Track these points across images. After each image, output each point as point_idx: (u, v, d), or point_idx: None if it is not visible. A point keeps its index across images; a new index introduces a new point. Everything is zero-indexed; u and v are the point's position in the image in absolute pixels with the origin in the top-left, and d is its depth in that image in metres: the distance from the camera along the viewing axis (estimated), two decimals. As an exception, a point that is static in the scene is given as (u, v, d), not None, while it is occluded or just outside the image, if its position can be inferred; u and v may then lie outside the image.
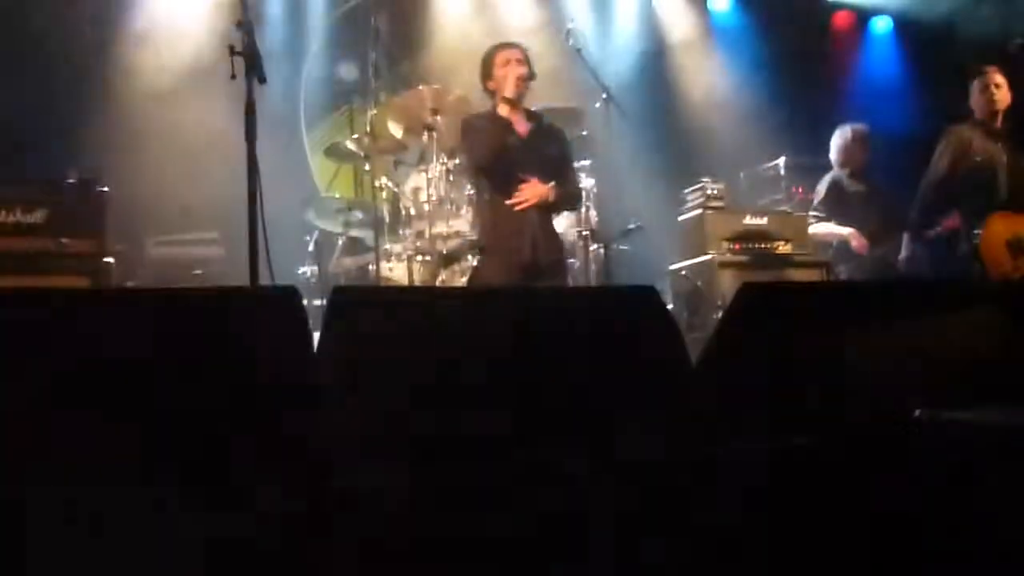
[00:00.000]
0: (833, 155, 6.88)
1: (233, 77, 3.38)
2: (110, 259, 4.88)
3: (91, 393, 1.92)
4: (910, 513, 2.27)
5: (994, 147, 5.83)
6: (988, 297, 3.00)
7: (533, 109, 5.45)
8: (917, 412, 2.23)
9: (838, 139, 6.85)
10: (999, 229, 5.68)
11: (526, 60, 5.27)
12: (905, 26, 9.05)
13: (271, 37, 6.87)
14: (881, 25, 9.19)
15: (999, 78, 5.90)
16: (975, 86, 5.96)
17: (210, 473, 1.92)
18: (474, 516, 2.04)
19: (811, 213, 6.66)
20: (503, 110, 5.29)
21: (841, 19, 9.23)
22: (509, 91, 5.21)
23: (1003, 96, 5.89)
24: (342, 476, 1.98)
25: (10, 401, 1.86)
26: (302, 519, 1.91)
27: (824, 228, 6.62)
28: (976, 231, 5.72)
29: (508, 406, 2.26)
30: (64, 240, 4.05)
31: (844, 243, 6.54)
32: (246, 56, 3.38)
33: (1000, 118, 5.91)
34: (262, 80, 3.47)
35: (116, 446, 1.89)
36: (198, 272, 6.10)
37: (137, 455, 1.90)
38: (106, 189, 4.81)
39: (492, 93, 5.37)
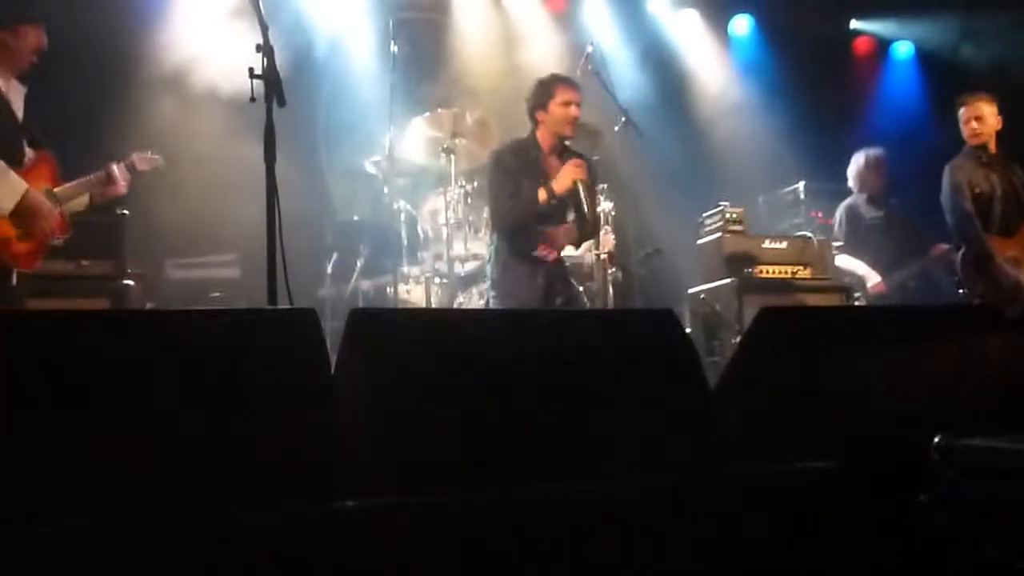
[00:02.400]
0: (851, 180, 6.87)
1: (253, 100, 3.40)
2: (129, 281, 4.92)
3: (112, 412, 1.92)
4: (931, 538, 2.25)
5: (989, 176, 5.87)
6: (1007, 323, 2.98)
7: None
8: (937, 438, 2.21)
9: (854, 164, 6.84)
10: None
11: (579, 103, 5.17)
12: (926, 52, 9.03)
13: (290, 61, 6.93)
14: (903, 50, 9.17)
15: (985, 108, 5.89)
16: (961, 118, 5.98)
17: (232, 495, 1.92)
18: (487, 538, 2.03)
19: (834, 243, 6.65)
20: (544, 143, 5.18)
21: (862, 45, 9.22)
22: (567, 131, 5.16)
23: (987, 127, 5.88)
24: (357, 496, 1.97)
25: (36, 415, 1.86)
26: (329, 537, 1.91)
27: (845, 263, 6.61)
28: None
29: (526, 428, 2.25)
30: (84, 262, 4.09)
31: (863, 279, 6.56)
32: (266, 79, 3.40)
33: (991, 145, 5.92)
34: (281, 103, 3.48)
35: (131, 466, 1.89)
36: (216, 294, 6.13)
37: (153, 476, 1.90)
38: (125, 212, 4.84)
39: (537, 122, 5.20)
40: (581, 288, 5.53)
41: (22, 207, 3.80)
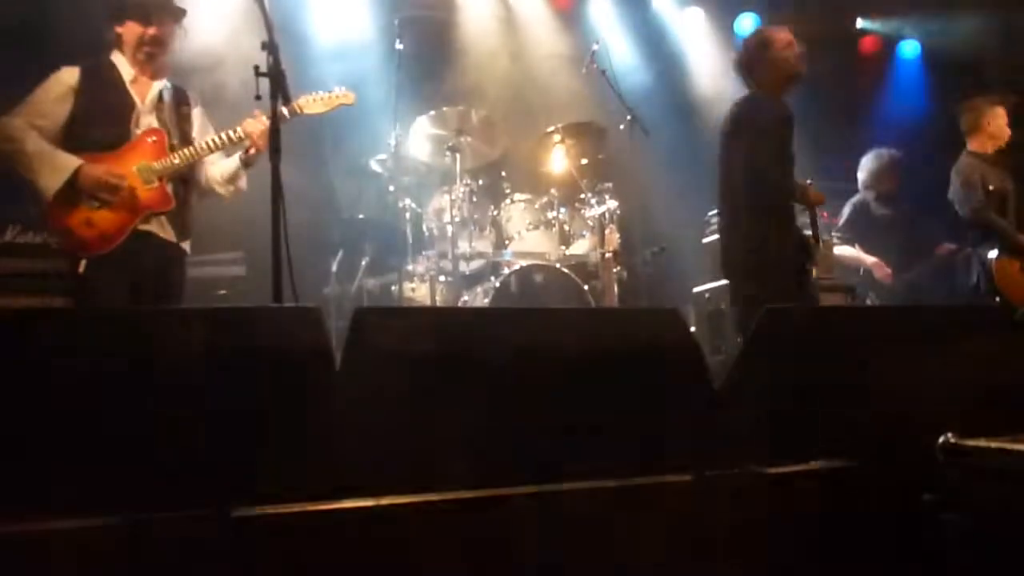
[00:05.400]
0: (862, 177, 6.83)
1: (258, 98, 3.40)
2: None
3: (115, 409, 1.93)
4: (936, 538, 2.24)
5: (1003, 176, 5.89)
6: (1012, 323, 2.97)
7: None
8: (942, 438, 2.21)
9: (871, 163, 6.79)
10: (1011, 256, 5.75)
11: None
12: (933, 51, 9.00)
13: (296, 58, 6.93)
14: (909, 49, 9.15)
15: (1005, 111, 5.93)
16: (984, 119, 5.99)
17: (235, 493, 1.92)
18: (492, 537, 2.04)
19: (834, 234, 6.63)
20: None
21: (869, 44, 9.19)
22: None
23: (1008, 131, 5.94)
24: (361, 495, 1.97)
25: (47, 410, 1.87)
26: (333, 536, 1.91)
27: (847, 252, 6.58)
28: (990, 257, 5.75)
29: (530, 426, 2.26)
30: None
31: (870, 271, 6.52)
32: (271, 77, 3.40)
33: (1004, 148, 5.95)
34: (287, 101, 3.50)
35: (134, 464, 1.89)
36: (222, 292, 6.13)
37: (156, 474, 1.90)
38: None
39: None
40: (586, 287, 5.54)
41: (80, 185, 3.92)
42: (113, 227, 4.01)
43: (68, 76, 4.11)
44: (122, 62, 4.24)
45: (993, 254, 5.77)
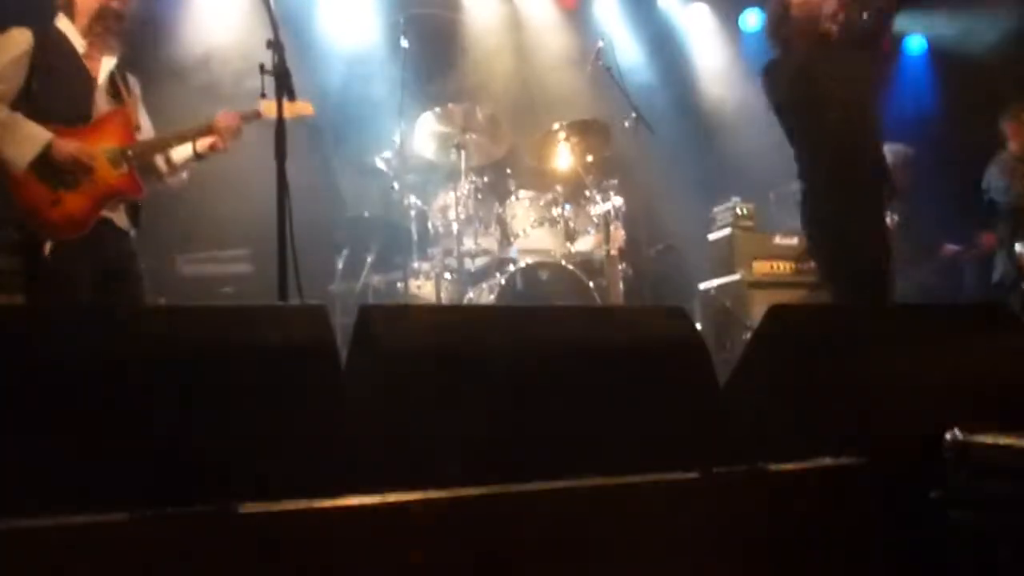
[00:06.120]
0: None
1: (263, 95, 3.41)
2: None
3: (120, 407, 1.93)
4: (943, 536, 2.24)
5: None
6: (1017, 320, 2.97)
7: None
8: (950, 435, 2.20)
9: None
10: None
11: None
12: (939, 47, 8.98)
13: (301, 56, 6.94)
14: (915, 45, 9.12)
15: None
16: (1010, 126, 6.01)
17: (240, 491, 1.93)
18: (498, 535, 2.04)
19: None
20: None
21: (875, 39, 9.16)
22: None
23: None
24: (367, 492, 1.97)
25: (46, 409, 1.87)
26: (338, 534, 1.91)
27: None
28: (1019, 250, 5.76)
29: (535, 425, 2.26)
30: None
31: None
32: (276, 75, 3.41)
33: None
34: (292, 99, 3.49)
35: (139, 462, 1.90)
36: (228, 289, 6.15)
37: (160, 472, 1.90)
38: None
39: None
40: (591, 284, 5.54)
41: (50, 159, 3.62)
42: (81, 211, 3.72)
43: (21, 37, 3.73)
44: (72, 31, 3.87)
45: (1021, 247, 5.78)
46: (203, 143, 4.08)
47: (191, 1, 6.91)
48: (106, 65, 3.95)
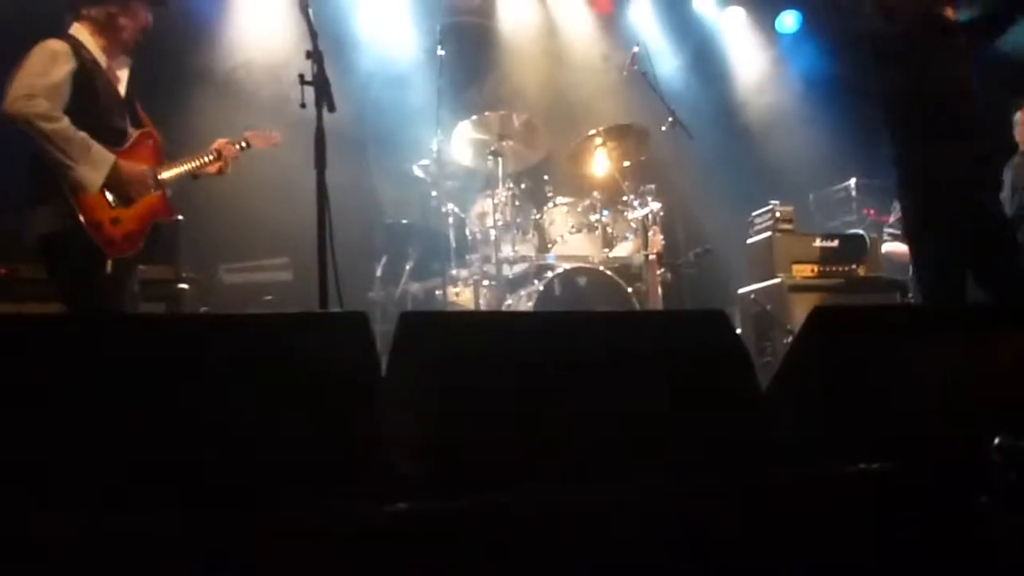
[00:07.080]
0: None
1: (303, 106, 3.43)
2: (184, 285, 5.00)
3: (167, 412, 1.95)
4: (992, 540, 2.21)
5: None
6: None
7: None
8: (998, 438, 2.17)
9: None
10: None
11: None
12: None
13: (341, 66, 7.00)
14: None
15: None
16: (1018, 119, 5.89)
17: (283, 495, 1.94)
18: (542, 540, 2.03)
19: (886, 230, 6.54)
20: None
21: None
22: None
23: None
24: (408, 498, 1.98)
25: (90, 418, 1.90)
26: (378, 539, 1.92)
27: (897, 249, 6.49)
28: None
29: (576, 430, 2.25)
30: (141, 267, 4.13)
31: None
32: (316, 85, 3.44)
33: None
34: (331, 109, 3.52)
35: (186, 465, 1.92)
36: (269, 297, 6.20)
37: (207, 475, 1.92)
38: (180, 217, 4.91)
39: None
40: (630, 289, 5.52)
41: (114, 179, 3.69)
42: (136, 229, 3.81)
43: (63, 51, 3.68)
44: (89, 41, 3.82)
45: None
46: (210, 168, 4.23)
47: (230, 11, 6.99)
48: (123, 78, 4.00)
